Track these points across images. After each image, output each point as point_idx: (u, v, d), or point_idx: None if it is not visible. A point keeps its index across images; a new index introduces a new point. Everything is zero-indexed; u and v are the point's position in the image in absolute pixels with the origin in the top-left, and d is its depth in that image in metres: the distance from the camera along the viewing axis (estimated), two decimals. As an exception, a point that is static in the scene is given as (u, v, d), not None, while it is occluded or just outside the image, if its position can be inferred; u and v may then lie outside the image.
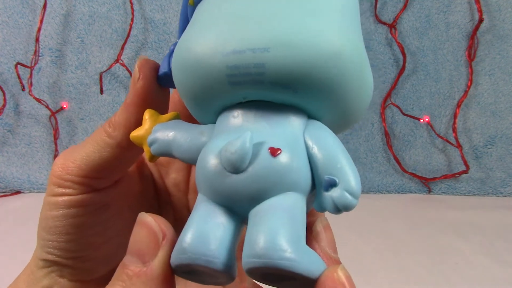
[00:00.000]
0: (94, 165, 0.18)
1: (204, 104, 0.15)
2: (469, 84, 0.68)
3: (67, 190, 0.18)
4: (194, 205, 0.14)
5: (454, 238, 0.57)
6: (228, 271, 0.12)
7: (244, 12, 0.13)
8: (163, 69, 0.17)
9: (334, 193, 0.13)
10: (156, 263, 0.13)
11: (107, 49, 0.69)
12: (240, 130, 0.13)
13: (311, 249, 0.13)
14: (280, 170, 0.12)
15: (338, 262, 0.14)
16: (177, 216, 0.24)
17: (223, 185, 0.13)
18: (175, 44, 0.17)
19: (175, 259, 0.13)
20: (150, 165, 0.23)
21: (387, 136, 0.71)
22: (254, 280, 0.14)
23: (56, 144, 0.70)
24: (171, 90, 0.20)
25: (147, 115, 0.16)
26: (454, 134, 0.69)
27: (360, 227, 0.60)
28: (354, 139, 0.72)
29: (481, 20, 0.65)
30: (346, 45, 0.13)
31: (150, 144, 0.15)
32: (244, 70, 0.13)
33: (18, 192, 0.71)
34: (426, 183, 0.71)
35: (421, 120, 0.70)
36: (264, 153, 0.12)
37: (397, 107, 0.70)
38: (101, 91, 0.69)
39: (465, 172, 0.69)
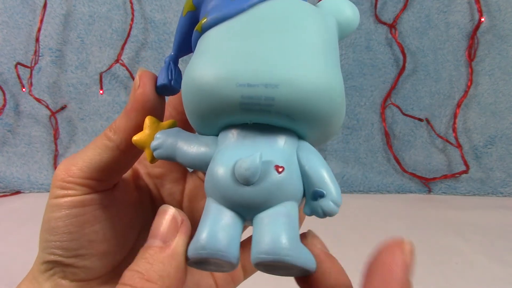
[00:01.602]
0: (95, 167, 0.20)
1: (210, 122, 0.17)
2: (469, 84, 0.68)
3: (69, 192, 0.20)
4: (204, 207, 0.16)
5: (454, 238, 0.57)
6: (236, 262, 0.15)
7: (254, 49, 0.16)
8: (161, 81, 0.19)
9: (322, 202, 0.16)
10: (176, 242, 0.16)
11: (107, 49, 0.69)
12: (247, 147, 0.16)
13: (304, 246, 0.16)
14: (283, 185, 0.16)
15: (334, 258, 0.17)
16: None
17: (235, 195, 0.15)
18: (170, 57, 0.20)
19: (194, 253, 0.15)
20: (146, 177, 0.25)
21: (387, 136, 0.71)
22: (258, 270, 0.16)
23: (56, 144, 0.70)
24: (167, 98, 0.22)
25: (148, 121, 0.19)
26: (454, 134, 0.70)
27: (360, 227, 0.60)
28: (354, 139, 0.72)
29: (480, 21, 0.65)
30: (337, 82, 0.16)
31: (154, 149, 0.18)
32: (255, 101, 0.15)
33: (18, 192, 0.71)
34: (426, 183, 0.71)
35: (421, 120, 0.70)
36: (271, 170, 0.15)
37: (397, 107, 0.70)
38: (101, 91, 0.69)
39: (465, 172, 0.69)
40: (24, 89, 0.68)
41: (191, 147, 0.17)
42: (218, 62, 0.16)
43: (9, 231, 0.57)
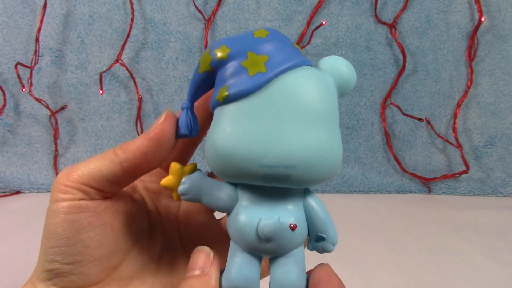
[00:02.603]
0: (93, 176, 0.22)
1: (231, 178, 0.21)
2: (469, 84, 0.68)
3: (67, 195, 0.21)
4: (231, 248, 0.21)
5: (454, 238, 0.57)
6: None
7: (274, 132, 0.19)
8: (184, 131, 0.22)
9: (323, 244, 0.21)
10: (211, 271, 0.21)
11: (107, 49, 0.69)
12: (266, 207, 0.20)
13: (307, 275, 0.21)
14: (297, 239, 0.20)
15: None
16: (167, 237, 0.27)
17: (258, 248, 0.20)
18: (187, 105, 0.22)
19: (228, 285, 0.20)
20: (143, 191, 0.27)
21: (387, 136, 0.71)
22: None
23: (56, 144, 0.70)
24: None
25: (174, 167, 0.21)
26: (454, 134, 0.70)
27: (360, 227, 0.60)
28: (354, 139, 0.72)
29: (481, 20, 0.65)
30: (340, 152, 0.20)
31: (182, 194, 0.21)
32: (275, 176, 0.19)
33: (18, 192, 0.71)
34: (426, 183, 0.71)
35: (421, 120, 0.70)
36: (287, 228, 0.20)
37: (397, 107, 0.70)
38: (101, 91, 0.69)
39: (465, 172, 0.69)
40: (24, 89, 0.68)
41: (215, 196, 0.21)
42: (242, 142, 0.19)
43: (9, 231, 0.57)
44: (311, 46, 0.68)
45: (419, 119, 0.70)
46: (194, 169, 0.22)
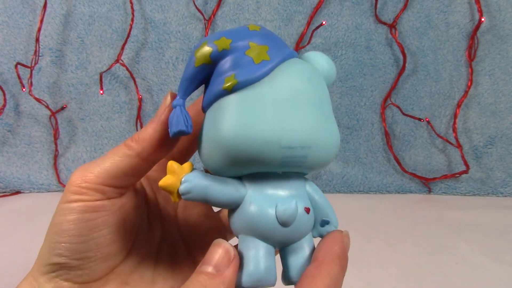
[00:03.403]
0: (111, 174, 0.21)
1: (240, 170, 0.20)
2: (469, 84, 0.68)
3: (83, 197, 0.21)
4: (242, 243, 0.20)
5: (454, 238, 0.57)
6: (275, 283, 0.20)
7: (287, 117, 0.19)
8: (181, 127, 0.20)
9: (327, 228, 0.22)
10: (228, 272, 0.19)
11: (107, 49, 0.69)
12: (279, 193, 0.20)
13: None
14: (310, 222, 0.21)
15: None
16: (165, 228, 0.26)
17: (277, 234, 0.20)
18: (179, 102, 0.21)
19: (249, 284, 0.19)
20: (143, 179, 0.26)
21: (387, 136, 0.71)
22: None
23: (56, 144, 0.70)
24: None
25: (172, 166, 0.20)
26: (454, 134, 0.70)
27: (360, 227, 0.60)
28: (354, 139, 0.72)
29: (481, 20, 0.65)
30: (339, 137, 0.21)
31: (183, 193, 0.20)
32: (293, 158, 0.19)
33: (18, 192, 0.71)
34: (426, 183, 0.71)
35: (421, 120, 0.70)
36: (302, 212, 0.20)
37: (397, 107, 0.70)
38: (101, 91, 0.69)
39: (465, 172, 0.69)
40: (24, 89, 0.68)
41: (222, 191, 0.20)
42: (260, 126, 0.19)
43: (9, 231, 0.57)
44: (311, 46, 0.68)
45: (419, 119, 0.70)
46: (192, 167, 0.21)
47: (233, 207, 0.21)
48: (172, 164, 0.20)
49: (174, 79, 0.70)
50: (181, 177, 0.20)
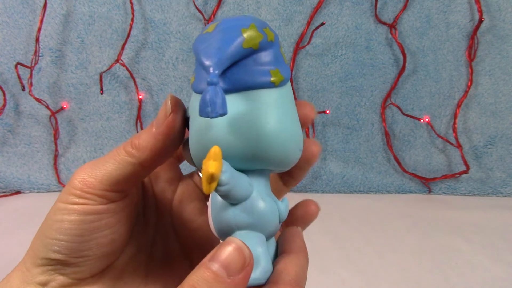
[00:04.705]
0: (114, 180, 0.21)
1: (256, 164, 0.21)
2: (469, 84, 0.68)
3: (88, 201, 0.21)
4: (249, 240, 0.19)
5: (454, 238, 0.57)
6: None
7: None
8: (223, 110, 0.18)
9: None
10: (239, 279, 0.17)
11: (107, 49, 0.69)
12: (268, 192, 0.22)
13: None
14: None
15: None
16: (159, 221, 0.26)
17: (276, 229, 0.21)
18: (216, 78, 0.18)
19: (263, 280, 0.19)
20: None
21: (387, 136, 0.71)
22: None
23: (56, 144, 0.70)
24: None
25: (215, 152, 0.18)
26: (454, 134, 0.70)
27: (360, 227, 0.60)
28: (354, 139, 0.72)
29: (481, 20, 0.65)
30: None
31: (222, 185, 0.18)
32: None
33: (18, 192, 0.71)
34: (426, 183, 0.71)
35: (421, 120, 0.70)
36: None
37: (397, 107, 0.70)
38: (101, 91, 0.69)
39: (465, 172, 0.69)
40: (24, 89, 0.68)
41: (243, 186, 0.20)
42: (296, 127, 0.21)
43: (9, 231, 0.57)
44: (311, 46, 0.68)
45: (419, 119, 0.70)
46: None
47: (241, 201, 0.20)
48: (216, 149, 0.18)
49: (174, 79, 0.70)
50: (221, 166, 0.18)
